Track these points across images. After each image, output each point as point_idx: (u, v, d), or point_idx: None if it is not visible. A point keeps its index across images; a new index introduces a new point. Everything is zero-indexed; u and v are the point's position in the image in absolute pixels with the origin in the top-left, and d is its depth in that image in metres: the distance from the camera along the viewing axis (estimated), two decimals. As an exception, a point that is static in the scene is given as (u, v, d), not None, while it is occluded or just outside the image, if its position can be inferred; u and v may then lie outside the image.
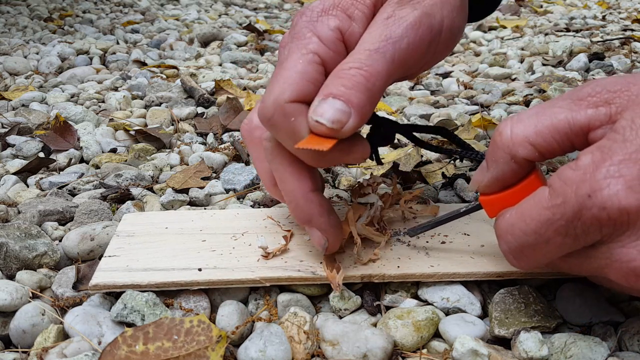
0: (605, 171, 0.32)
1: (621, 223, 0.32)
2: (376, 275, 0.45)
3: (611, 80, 0.35)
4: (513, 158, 0.37)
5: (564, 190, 0.33)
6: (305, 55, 0.40)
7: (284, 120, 0.39)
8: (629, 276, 0.33)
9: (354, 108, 0.38)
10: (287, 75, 0.39)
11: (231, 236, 0.51)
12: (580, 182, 0.32)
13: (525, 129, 0.36)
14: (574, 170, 0.33)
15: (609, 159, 0.32)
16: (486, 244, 0.49)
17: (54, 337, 0.41)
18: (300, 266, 0.46)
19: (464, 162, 0.72)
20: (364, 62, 0.38)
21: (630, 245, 0.32)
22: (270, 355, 0.39)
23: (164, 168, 0.73)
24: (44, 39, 1.49)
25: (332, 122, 0.37)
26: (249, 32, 1.54)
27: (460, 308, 0.44)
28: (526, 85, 1.05)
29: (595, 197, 0.32)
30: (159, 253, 0.48)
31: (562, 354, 0.39)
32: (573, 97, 0.35)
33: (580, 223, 0.33)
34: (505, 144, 0.37)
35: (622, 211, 0.31)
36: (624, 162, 0.31)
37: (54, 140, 0.80)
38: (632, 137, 0.32)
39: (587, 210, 0.32)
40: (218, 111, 0.91)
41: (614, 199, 0.31)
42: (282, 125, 0.39)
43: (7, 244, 0.49)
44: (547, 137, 0.35)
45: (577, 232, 0.33)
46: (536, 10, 1.95)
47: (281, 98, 0.39)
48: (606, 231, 0.33)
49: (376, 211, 0.49)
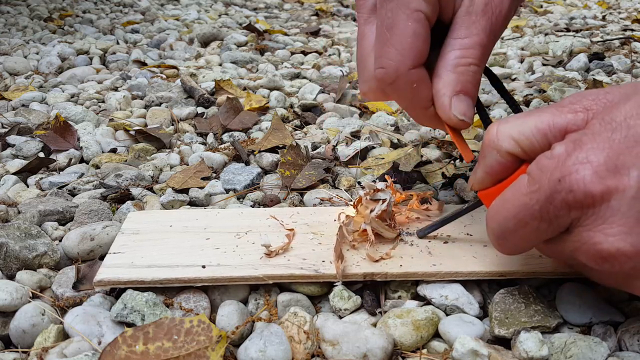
0: (574, 158, 0.34)
1: (587, 206, 0.34)
2: (379, 274, 0.45)
3: (591, 92, 0.38)
4: (498, 152, 0.40)
5: (540, 177, 0.36)
6: (411, 15, 0.43)
7: (406, 86, 0.44)
8: (596, 258, 0.35)
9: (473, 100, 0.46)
10: (403, 41, 0.43)
11: (235, 234, 0.51)
12: (554, 169, 0.35)
13: (510, 127, 0.39)
14: (549, 159, 0.36)
15: (579, 149, 0.35)
16: (488, 244, 0.49)
17: (54, 337, 0.41)
18: (303, 264, 0.46)
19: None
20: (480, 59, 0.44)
21: (596, 228, 0.35)
22: (270, 355, 0.39)
23: (164, 168, 0.73)
24: (44, 39, 1.49)
25: (469, 117, 0.45)
26: (249, 32, 1.54)
27: (458, 306, 0.44)
28: (526, 85, 1.05)
29: (564, 181, 0.34)
30: (163, 250, 0.48)
31: (562, 354, 0.39)
32: (557, 105, 0.39)
33: (552, 207, 0.35)
34: (491, 139, 0.40)
35: (587, 194, 0.34)
36: (592, 150, 0.34)
37: (54, 140, 0.80)
38: (600, 131, 0.35)
39: (558, 194, 0.35)
40: (218, 111, 0.91)
41: (580, 182, 0.34)
42: (404, 90, 0.44)
43: (7, 244, 0.49)
44: (529, 135, 0.38)
45: (550, 217, 0.36)
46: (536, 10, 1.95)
47: (404, 66, 0.43)
48: (574, 214, 0.35)
49: (388, 206, 0.49)
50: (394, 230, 0.49)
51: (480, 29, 0.44)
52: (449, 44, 0.45)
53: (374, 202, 0.49)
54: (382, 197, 0.50)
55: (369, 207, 0.49)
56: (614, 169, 0.33)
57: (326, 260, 0.47)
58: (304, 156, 0.72)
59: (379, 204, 0.49)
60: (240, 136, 0.83)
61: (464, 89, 0.45)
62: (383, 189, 0.50)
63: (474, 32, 0.44)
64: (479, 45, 0.44)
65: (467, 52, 0.44)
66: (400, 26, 0.43)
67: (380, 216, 0.49)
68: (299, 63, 1.29)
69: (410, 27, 0.43)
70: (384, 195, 0.50)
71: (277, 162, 0.72)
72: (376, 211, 0.48)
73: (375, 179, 0.67)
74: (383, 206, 0.49)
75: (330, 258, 0.47)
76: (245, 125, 0.87)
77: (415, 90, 0.44)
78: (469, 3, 0.44)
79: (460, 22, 0.45)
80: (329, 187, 0.66)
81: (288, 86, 1.07)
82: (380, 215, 0.49)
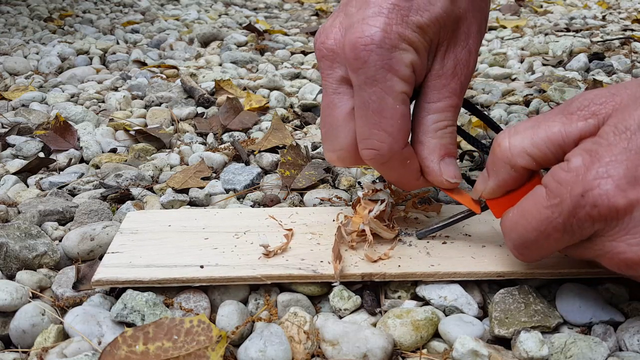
0: (595, 172, 0.35)
1: (611, 219, 0.35)
2: (377, 274, 0.45)
3: (597, 93, 0.38)
4: (513, 167, 0.40)
5: (560, 190, 0.36)
6: (397, 97, 0.44)
7: (400, 163, 0.46)
8: (621, 266, 0.37)
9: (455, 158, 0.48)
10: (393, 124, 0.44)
11: (233, 234, 0.51)
12: (574, 183, 0.36)
13: (522, 140, 0.40)
14: (566, 172, 0.36)
15: (597, 162, 0.35)
16: (487, 245, 0.49)
17: (54, 337, 0.41)
18: (301, 264, 0.46)
19: (464, 162, 0.72)
20: (453, 121, 0.47)
21: (620, 239, 0.36)
22: (270, 355, 0.39)
23: (164, 168, 0.73)
24: (44, 39, 1.49)
25: (459, 177, 0.47)
26: (249, 32, 1.54)
27: (457, 307, 0.44)
28: (526, 85, 1.05)
29: (587, 196, 0.35)
30: (161, 250, 0.48)
31: (562, 354, 0.39)
32: (564, 111, 0.39)
33: (576, 220, 0.36)
34: (505, 154, 0.40)
35: (612, 208, 0.35)
36: (611, 164, 0.35)
37: (54, 140, 0.80)
38: (616, 141, 0.35)
39: (581, 209, 0.36)
40: (218, 111, 0.91)
41: (604, 197, 0.35)
42: (397, 167, 0.46)
43: (7, 244, 0.49)
44: (543, 148, 0.39)
45: (573, 228, 0.37)
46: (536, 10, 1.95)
47: (397, 146, 0.44)
48: (598, 226, 0.36)
49: (387, 206, 0.49)
50: (393, 230, 0.49)
51: (452, 91, 0.46)
52: (424, 108, 0.47)
53: (372, 202, 0.49)
54: (381, 197, 0.50)
55: (368, 207, 0.49)
56: (634, 181, 0.34)
57: (324, 261, 0.47)
58: (304, 156, 0.72)
59: (378, 205, 0.49)
60: (240, 136, 0.83)
61: (448, 151, 0.47)
62: (382, 189, 0.50)
63: (447, 95, 0.46)
64: (452, 107, 0.46)
65: (443, 115, 0.46)
66: (389, 110, 0.44)
67: (379, 216, 0.49)
68: (299, 63, 1.29)
69: (398, 110, 0.44)
70: (383, 196, 0.50)
71: (277, 162, 0.72)
72: (375, 212, 0.48)
73: (375, 179, 0.67)
74: (382, 207, 0.49)
75: (329, 258, 0.47)
76: (245, 125, 0.87)
77: (408, 165, 0.46)
78: (438, 67, 0.46)
79: (432, 86, 0.46)
80: (328, 187, 0.66)
81: (288, 86, 1.07)
82: (378, 216, 0.49)
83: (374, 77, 0.43)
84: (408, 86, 0.44)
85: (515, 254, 0.42)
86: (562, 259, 0.46)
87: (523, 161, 0.40)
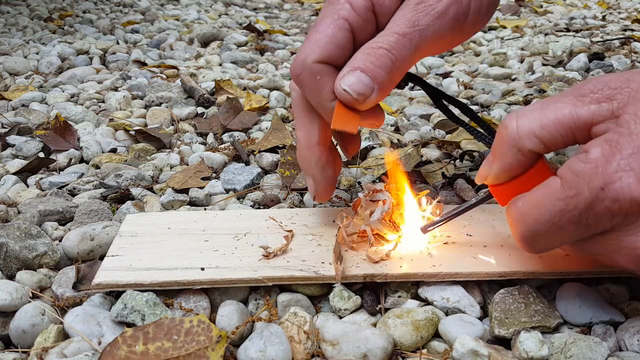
0: (616, 165, 0.33)
1: (632, 214, 0.34)
2: (379, 275, 0.45)
3: (611, 78, 0.36)
4: (520, 150, 0.38)
5: (577, 182, 0.35)
6: (336, 21, 0.44)
7: (310, 78, 0.44)
8: (637, 261, 0.36)
9: (378, 85, 0.43)
10: (317, 38, 0.44)
11: (233, 236, 0.51)
12: (593, 175, 0.34)
13: (530, 122, 0.37)
14: (584, 163, 0.35)
15: (618, 153, 0.34)
16: (488, 245, 0.49)
17: (54, 337, 0.41)
18: (302, 266, 0.46)
19: (464, 162, 0.72)
20: (392, 45, 0.43)
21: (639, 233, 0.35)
22: (270, 355, 0.39)
23: (164, 168, 0.73)
24: (44, 39, 1.49)
25: (358, 93, 0.43)
26: (249, 32, 1.54)
27: (460, 309, 0.44)
28: (526, 85, 1.05)
29: (608, 189, 0.34)
30: (161, 253, 0.48)
31: (562, 354, 0.39)
32: (575, 93, 0.37)
33: (593, 214, 0.35)
34: (512, 137, 0.38)
35: (634, 202, 0.33)
36: (633, 156, 0.33)
37: (54, 140, 0.80)
38: (637, 131, 0.34)
39: (600, 202, 0.34)
40: (218, 111, 0.91)
41: (626, 191, 0.33)
42: (308, 82, 0.45)
43: (7, 244, 0.49)
44: (552, 131, 0.37)
45: (589, 222, 0.35)
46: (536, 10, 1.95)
47: (309, 58, 0.44)
48: (617, 221, 0.35)
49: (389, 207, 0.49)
50: (396, 231, 0.49)
51: (405, 21, 0.43)
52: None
53: (373, 203, 0.49)
54: (381, 198, 0.49)
55: (369, 208, 0.49)
56: None
57: (325, 262, 0.47)
58: (304, 156, 0.71)
59: (381, 206, 0.49)
60: (240, 136, 0.83)
61: (365, 67, 0.43)
62: (382, 190, 0.50)
63: (397, 23, 0.43)
64: (396, 33, 0.43)
65: (382, 38, 0.43)
66: (322, 27, 0.44)
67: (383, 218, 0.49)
68: (299, 63, 1.29)
69: (330, 29, 0.44)
70: (383, 196, 0.49)
71: (277, 162, 0.72)
72: (379, 214, 0.48)
73: (375, 179, 0.67)
74: (385, 208, 0.48)
75: (330, 259, 0.47)
76: (245, 125, 0.87)
77: (318, 82, 0.44)
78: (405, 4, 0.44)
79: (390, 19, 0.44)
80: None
81: (288, 86, 1.07)
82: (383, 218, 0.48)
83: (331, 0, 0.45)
84: (355, 16, 0.44)
85: (521, 245, 0.40)
86: (562, 258, 0.46)
87: (531, 144, 0.37)
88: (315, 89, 0.45)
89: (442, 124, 0.84)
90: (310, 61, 0.44)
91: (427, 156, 0.73)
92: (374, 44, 0.43)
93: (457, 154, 0.74)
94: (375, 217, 0.48)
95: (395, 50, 0.43)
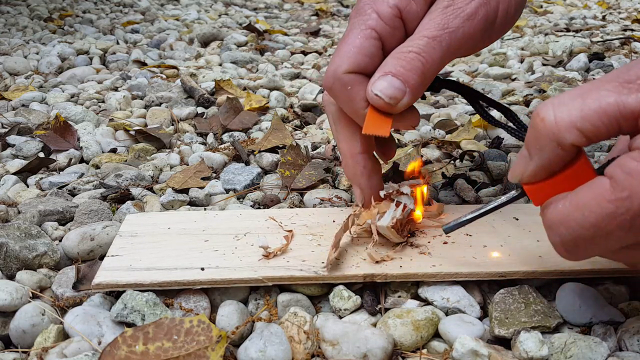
0: None
1: None
2: (379, 275, 0.45)
3: None
4: (560, 145, 0.34)
5: (630, 183, 0.32)
6: (364, 31, 0.44)
7: (342, 89, 0.45)
8: None
9: (410, 88, 0.43)
10: (346, 50, 0.45)
11: (233, 236, 0.51)
12: None
13: (570, 112, 0.33)
14: (638, 162, 0.32)
15: None
16: (488, 245, 0.49)
17: (54, 337, 0.41)
18: (302, 266, 0.46)
19: (464, 162, 0.72)
20: (422, 48, 0.43)
21: None
22: (270, 355, 0.39)
23: (164, 168, 0.73)
24: (44, 39, 1.49)
25: (390, 97, 0.43)
26: (249, 32, 1.54)
27: (460, 309, 0.44)
28: (526, 85, 1.05)
29: None
30: (161, 253, 0.48)
31: (562, 354, 0.39)
32: (620, 79, 0.33)
33: None
34: (550, 130, 0.34)
35: None
36: None
37: (54, 140, 0.80)
38: None
39: None
40: (218, 111, 0.91)
41: None
42: (340, 93, 0.45)
43: (7, 244, 0.49)
44: (596, 122, 0.33)
45: None
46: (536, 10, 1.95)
47: (339, 70, 0.45)
48: None
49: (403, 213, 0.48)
50: (401, 237, 0.49)
51: (434, 24, 0.43)
52: None
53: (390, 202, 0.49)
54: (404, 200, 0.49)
55: (377, 207, 0.49)
56: None
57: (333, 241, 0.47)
58: (304, 156, 0.72)
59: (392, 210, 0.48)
60: (240, 136, 0.83)
61: (396, 72, 0.43)
62: (407, 194, 0.49)
63: (427, 27, 0.44)
64: (425, 36, 0.43)
65: (412, 42, 0.44)
66: (350, 38, 0.45)
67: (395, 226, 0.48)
68: (299, 63, 1.29)
69: (358, 40, 0.44)
70: (406, 200, 0.49)
71: (277, 162, 0.72)
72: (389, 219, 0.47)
73: None
74: (397, 214, 0.48)
75: (330, 259, 0.47)
76: (245, 125, 0.87)
77: (351, 92, 0.45)
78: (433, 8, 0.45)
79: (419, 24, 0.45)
80: (328, 187, 0.66)
81: (288, 86, 1.07)
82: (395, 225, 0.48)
83: (359, 11, 0.46)
84: (382, 24, 0.44)
85: (559, 250, 0.37)
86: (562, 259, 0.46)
87: (572, 137, 0.33)
88: (348, 98, 0.45)
89: (442, 124, 0.84)
90: (341, 72, 0.44)
91: (427, 156, 0.73)
92: (404, 49, 0.44)
93: (457, 154, 0.74)
94: (385, 223, 0.47)
95: (425, 53, 0.43)
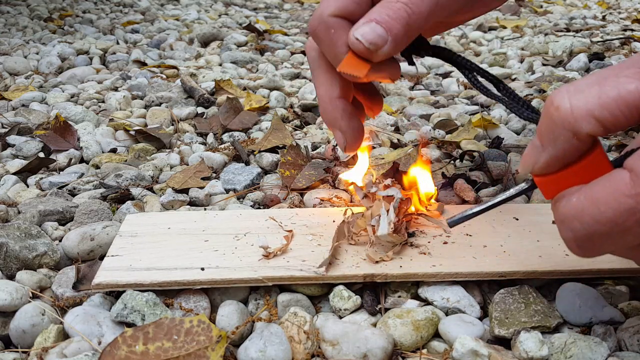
0: None
1: None
2: (379, 275, 0.45)
3: None
4: (575, 135, 0.32)
5: None
6: None
7: (325, 31, 0.45)
8: None
9: (392, 37, 0.42)
10: None
11: (233, 236, 0.51)
12: None
13: (587, 101, 0.31)
14: None
15: None
16: (488, 244, 0.49)
17: (54, 337, 0.41)
18: (302, 266, 0.46)
19: (464, 162, 0.72)
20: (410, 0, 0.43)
21: None
22: (270, 355, 0.39)
23: (164, 168, 0.73)
24: (44, 39, 1.49)
25: (370, 43, 0.42)
26: (249, 32, 1.54)
27: (460, 309, 0.44)
28: (526, 85, 1.05)
29: None
30: (161, 253, 0.48)
31: (562, 354, 0.39)
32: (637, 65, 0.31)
33: None
34: (565, 119, 0.32)
35: None
36: None
37: (54, 140, 0.80)
38: None
39: None
40: (218, 111, 0.91)
41: None
42: (323, 35, 0.45)
43: (7, 244, 0.49)
44: (614, 110, 0.31)
45: None
46: (536, 10, 1.95)
47: (326, 12, 0.44)
48: None
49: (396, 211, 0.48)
50: (401, 236, 0.49)
51: None
52: None
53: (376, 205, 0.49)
54: (391, 193, 0.49)
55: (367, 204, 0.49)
56: None
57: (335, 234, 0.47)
58: (304, 156, 0.72)
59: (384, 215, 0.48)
60: (240, 136, 0.83)
61: (380, 19, 0.42)
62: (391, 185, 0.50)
63: None
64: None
65: None
66: None
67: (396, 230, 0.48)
68: (299, 63, 1.29)
69: None
70: (393, 192, 0.49)
71: (277, 162, 0.72)
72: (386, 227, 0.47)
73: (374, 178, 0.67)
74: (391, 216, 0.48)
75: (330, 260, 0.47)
76: (245, 125, 0.87)
77: (333, 35, 0.44)
78: None
79: None
80: (328, 187, 0.66)
81: (288, 86, 1.07)
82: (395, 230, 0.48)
83: None
84: None
85: (571, 246, 0.35)
86: (562, 258, 0.46)
87: (589, 126, 0.31)
88: (330, 42, 0.45)
89: (442, 124, 0.84)
90: (327, 14, 0.44)
91: (427, 156, 0.73)
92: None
93: (457, 154, 0.74)
94: (385, 231, 0.47)
95: (413, 5, 0.42)
